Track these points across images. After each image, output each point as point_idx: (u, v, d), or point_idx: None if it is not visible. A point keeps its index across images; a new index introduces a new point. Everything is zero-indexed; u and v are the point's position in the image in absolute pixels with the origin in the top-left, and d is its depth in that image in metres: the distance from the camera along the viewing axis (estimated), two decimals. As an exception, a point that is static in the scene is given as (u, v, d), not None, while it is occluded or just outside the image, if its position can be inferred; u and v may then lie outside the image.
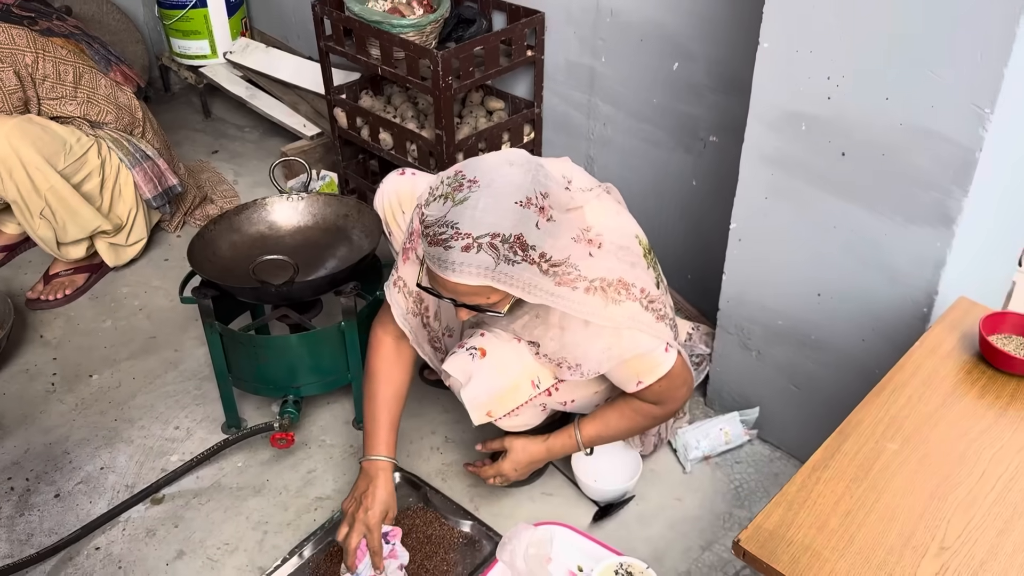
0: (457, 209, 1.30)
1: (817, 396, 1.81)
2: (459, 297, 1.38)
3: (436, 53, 2.12)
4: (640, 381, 1.56)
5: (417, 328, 1.69)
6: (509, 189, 1.31)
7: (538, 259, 1.34)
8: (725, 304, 1.89)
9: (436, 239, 1.31)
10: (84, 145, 2.30)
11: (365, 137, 2.55)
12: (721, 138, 2.07)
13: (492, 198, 1.30)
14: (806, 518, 1.10)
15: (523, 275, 1.34)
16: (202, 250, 1.94)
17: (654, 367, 1.55)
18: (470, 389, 1.59)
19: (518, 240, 1.30)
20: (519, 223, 1.30)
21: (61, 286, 2.44)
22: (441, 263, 1.31)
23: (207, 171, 3.05)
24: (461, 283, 1.32)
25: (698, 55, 2.03)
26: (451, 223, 1.30)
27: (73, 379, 2.19)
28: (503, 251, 1.30)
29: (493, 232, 1.29)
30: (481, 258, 1.29)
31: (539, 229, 1.33)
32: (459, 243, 1.29)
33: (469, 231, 1.29)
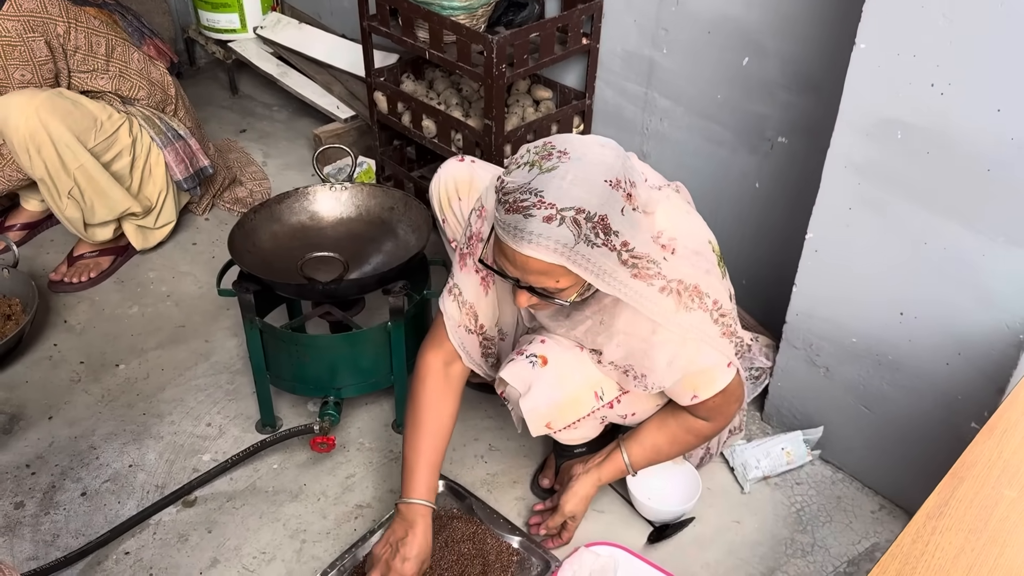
0: (544, 177, 1.20)
1: (889, 419, 1.71)
2: (527, 276, 1.27)
3: (491, 39, 2.01)
4: (696, 395, 1.48)
5: (469, 343, 1.59)
6: (600, 168, 1.22)
7: (619, 247, 1.25)
8: (793, 317, 1.79)
9: (516, 206, 1.20)
10: (115, 122, 2.19)
11: (406, 123, 2.43)
12: (791, 140, 1.96)
13: (583, 172, 1.21)
14: (925, 574, 1.00)
15: (600, 260, 1.24)
16: (242, 240, 1.83)
17: (712, 382, 1.47)
18: (530, 399, 1.50)
19: (602, 221, 1.21)
20: (606, 203, 1.21)
21: (86, 268, 2.34)
22: (517, 233, 1.21)
23: (235, 151, 2.93)
24: (535, 258, 1.22)
25: (771, 51, 1.92)
26: (535, 190, 1.20)
27: (99, 368, 2.09)
28: (585, 229, 1.20)
29: (579, 207, 1.19)
30: (562, 233, 1.19)
31: (623, 216, 1.24)
32: (541, 212, 1.19)
33: (554, 201, 1.19)
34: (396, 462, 1.86)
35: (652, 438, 1.62)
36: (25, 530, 1.70)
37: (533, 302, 1.35)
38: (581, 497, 1.65)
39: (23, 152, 2.04)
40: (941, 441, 1.62)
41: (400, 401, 1.89)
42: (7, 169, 2.16)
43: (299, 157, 2.95)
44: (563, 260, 1.22)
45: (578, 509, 1.65)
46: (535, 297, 1.33)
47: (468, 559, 1.61)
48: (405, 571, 1.47)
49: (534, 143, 1.28)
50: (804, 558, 1.68)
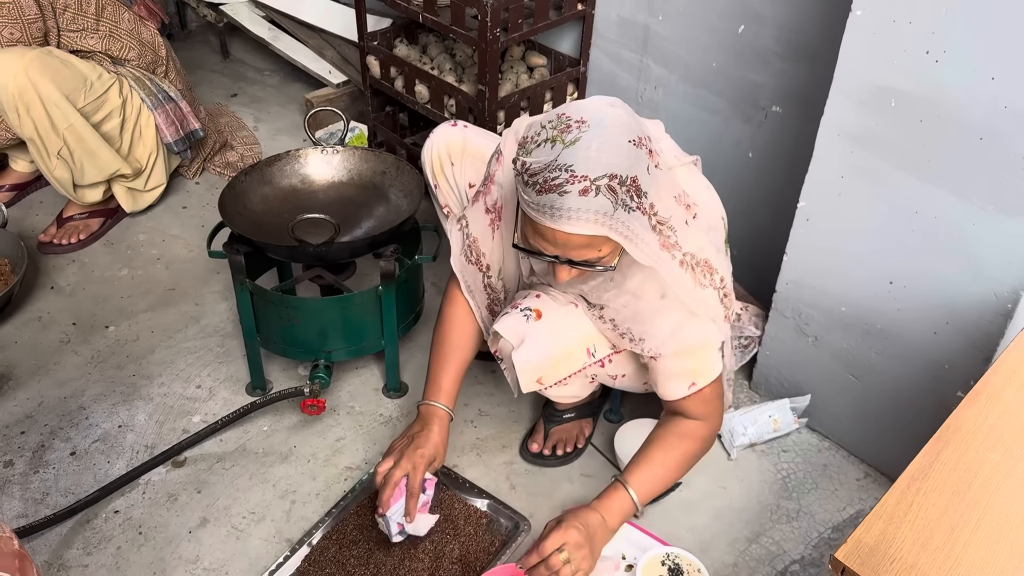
0: (570, 151, 1.18)
1: (876, 388, 1.73)
2: (569, 251, 1.26)
3: (485, 2, 1.99)
4: (694, 383, 1.47)
5: (469, 273, 1.59)
6: (622, 129, 1.21)
7: (649, 210, 1.27)
8: (783, 287, 1.79)
9: (548, 185, 1.19)
10: (105, 83, 2.16)
11: (399, 89, 2.42)
12: (785, 109, 1.96)
13: (606, 137, 1.19)
14: (908, 533, 1.02)
15: (636, 226, 1.25)
16: (232, 202, 1.82)
17: (709, 367, 1.48)
18: (522, 352, 1.50)
19: (634, 183, 1.21)
20: (634, 164, 1.21)
21: (75, 230, 2.32)
22: (555, 212, 1.20)
23: (226, 115, 2.91)
24: (576, 233, 1.21)
25: (767, 18, 1.90)
26: (564, 166, 1.18)
27: (88, 330, 2.08)
28: (621, 194, 1.20)
29: (611, 173, 1.18)
30: (600, 202, 1.18)
31: (649, 175, 1.24)
32: (576, 187, 1.18)
33: (586, 173, 1.17)
34: (386, 425, 1.87)
35: (650, 459, 1.49)
36: (15, 488, 1.71)
37: (573, 275, 1.34)
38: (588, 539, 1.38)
39: (12, 111, 2.02)
40: (927, 410, 1.63)
41: (391, 366, 1.90)
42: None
43: (291, 122, 2.93)
44: (604, 230, 1.21)
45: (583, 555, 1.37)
46: (575, 270, 1.32)
47: (438, 525, 1.62)
48: (416, 458, 1.48)
49: (544, 118, 1.25)
50: (789, 524, 1.69)
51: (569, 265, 1.30)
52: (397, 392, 1.94)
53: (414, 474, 1.47)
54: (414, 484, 1.47)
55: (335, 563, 1.56)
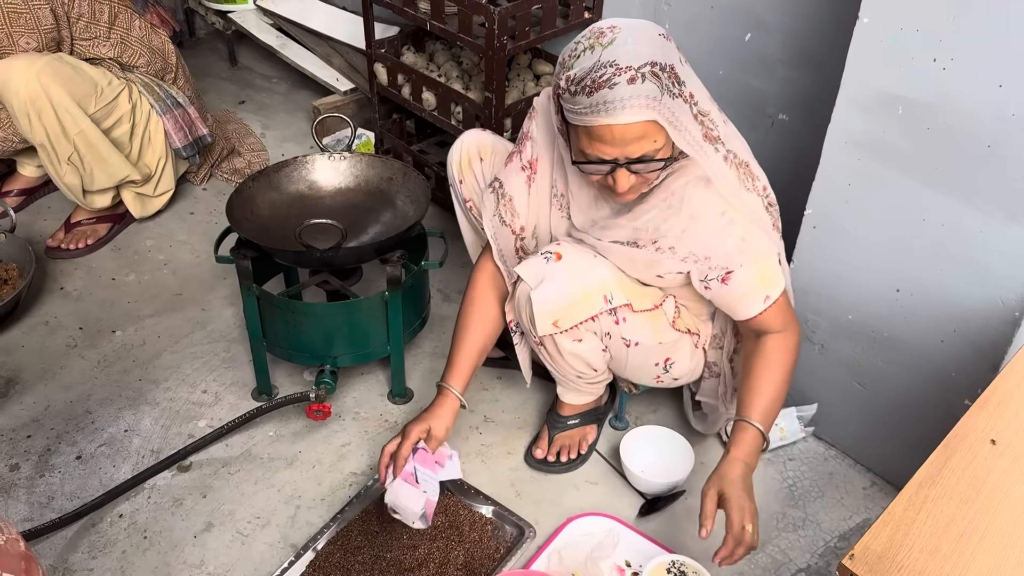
0: (609, 50, 1.27)
1: (883, 396, 1.72)
2: (627, 148, 1.32)
3: (492, 10, 2.00)
4: (768, 295, 1.47)
5: (503, 236, 1.63)
6: (649, 27, 1.33)
7: (689, 98, 1.34)
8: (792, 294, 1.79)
9: (596, 84, 1.26)
10: (115, 88, 2.18)
11: (406, 96, 2.42)
12: (792, 116, 1.96)
13: (639, 33, 1.30)
14: (916, 540, 1.01)
15: (680, 114, 1.32)
16: (240, 207, 1.83)
17: (776, 276, 1.48)
18: (540, 291, 1.51)
19: (673, 71, 1.30)
20: (668, 54, 1.31)
21: (83, 235, 2.33)
22: (607, 106, 1.27)
23: (234, 122, 2.92)
24: (631, 122, 1.28)
25: (773, 26, 1.91)
26: (608, 63, 1.26)
27: (95, 334, 2.09)
28: (664, 80, 1.28)
29: (651, 60, 1.27)
30: (648, 87, 1.26)
31: (683, 66, 1.34)
32: (623, 77, 1.25)
33: (629, 64, 1.26)
34: (391, 431, 1.87)
35: (754, 383, 1.48)
36: (20, 492, 1.71)
37: (632, 182, 1.37)
38: (737, 485, 1.42)
39: (23, 116, 2.03)
40: (934, 419, 1.62)
41: (397, 371, 1.90)
42: (3, 132, 2.15)
43: (298, 129, 2.94)
44: (655, 114, 1.28)
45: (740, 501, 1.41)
46: (634, 177, 1.37)
47: (443, 531, 1.62)
48: (408, 429, 1.54)
49: (577, 37, 1.35)
50: (795, 532, 1.69)
51: (628, 168, 1.35)
52: (403, 398, 1.94)
53: (404, 441, 1.53)
54: (401, 450, 1.52)
55: (340, 569, 1.56)
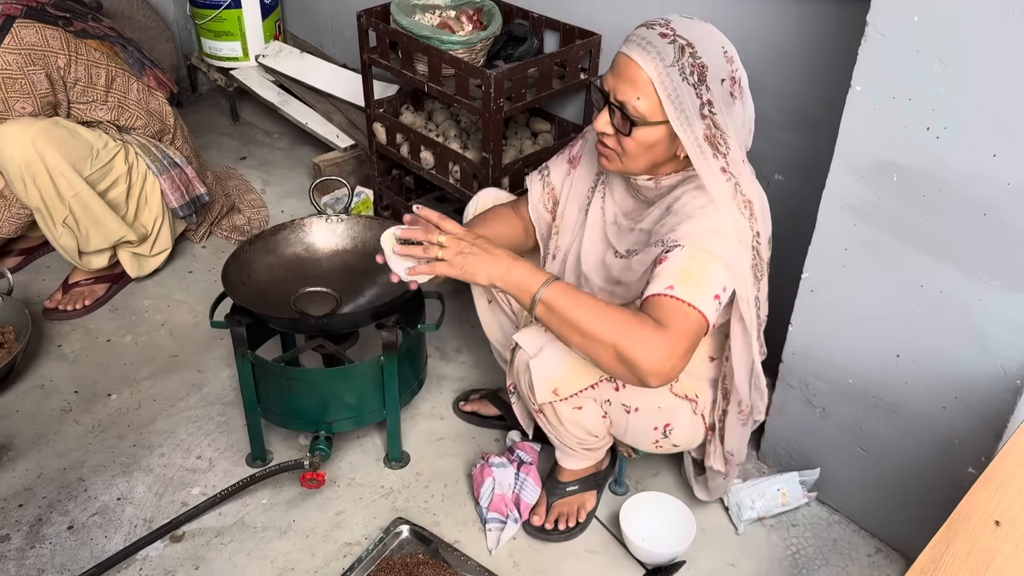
0: (680, 18, 1.38)
1: (886, 461, 1.69)
2: (618, 82, 1.37)
3: (488, 74, 2.01)
4: (672, 287, 1.31)
5: (543, 225, 1.70)
6: (724, 41, 1.38)
7: (705, 103, 1.35)
8: (789, 357, 1.77)
9: (646, 23, 1.37)
10: (111, 151, 2.19)
11: (404, 154, 2.44)
12: (787, 177, 1.96)
13: (711, 30, 1.38)
14: (919, 631, 0.98)
15: (684, 97, 1.34)
16: (236, 272, 1.83)
17: (700, 286, 1.31)
18: (539, 360, 1.49)
19: (702, 68, 1.34)
20: (714, 61, 1.35)
21: (80, 296, 2.33)
22: (632, 39, 1.36)
23: (234, 178, 2.94)
24: (634, 62, 1.34)
25: (766, 88, 1.91)
26: (667, 21, 1.37)
27: (90, 398, 2.08)
28: (685, 60, 1.33)
29: (691, 42, 1.33)
30: (666, 49, 1.32)
31: (720, 87, 1.36)
32: (659, 30, 1.35)
33: (675, 28, 1.35)
34: (387, 498, 1.84)
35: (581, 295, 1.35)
36: (10, 564, 1.68)
37: (607, 130, 1.40)
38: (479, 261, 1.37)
39: (18, 181, 2.04)
40: (938, 485, 1.60)
41: (393, 435, 1.88)
42: (13, 208, 2.17)
43: (299, 185, 2.96)
44: (654, 73, 1.33)
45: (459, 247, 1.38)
46: (611, 127, 1.40)
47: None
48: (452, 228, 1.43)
49: None
50: (799, 603, 1.65)
51: (608, 108, 1.39)
52: (399, 462, 1.91)
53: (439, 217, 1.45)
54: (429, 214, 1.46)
55: (332, 645, 1.52)
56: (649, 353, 1.28)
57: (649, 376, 1.29)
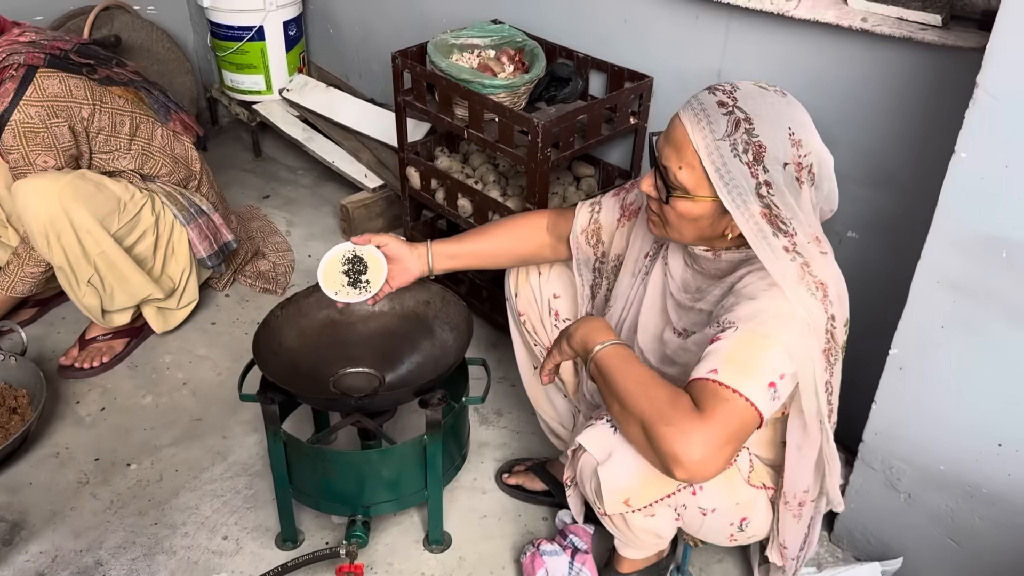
0: (751, 88, 1.23)
1: (980, 556, 1.54)
2: (666, 146, 1.26)
3: (536, 121, 1.87)
4: (716, 370, 1.16)
5: (584, 254, 1.60)
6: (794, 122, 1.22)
7: (762, 182, 1.20)
8: (872, 436, 1.62)
9: (712, 87, 1.25)
10: (138, 202, 2.06)
11: (440, 201, 2.30)
12: (862, 236, 1.82)
13: (781, 107, 1.22)
14: None
15: (736, 174, 1.20)
16: (267, 341, 1.69)
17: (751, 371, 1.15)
18: (609, 467, 1.32)
19: (758, 146, 1.19)
20: (775, 144, 1.19)
21: (98, 352, 2.20)
22: (689, 101, 1.25)
23: (258, 219, 2.81)
24: (682, 126, 1.23)
25: (841, 141, 1.76)
26: (734, 89, 1.23)
27: (109, 468, 1.94)
28: (739, 138, 1.19)
29: (751, 116, 1.19)
30: (719, 120, 1.20)
31: (783, 170, 1.20)
32: (720, 96, 1.22)
33: (737, 98, 1.21)
34: (429, 586, 1.69)
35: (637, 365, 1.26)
36: (21, 663, 1.55)
37: (651, 192, 1.30)
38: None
39: (41, 238, 1.92)
40: (1043, 586, 1.44)
41: (434, 516, 1.73)
42: (28, 267, 2.05)
43: (324, 226, 2.82)
44: (701, 144, 1.20)
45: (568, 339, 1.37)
46: (653, 190, 1.29)
47: None
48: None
49: None
50: None
51: (654, 173, 1.28)
52: (440, 545, 1.77)
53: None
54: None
55: None
56: (679, 438, 1.13)
57: (675, 464, 1.13)
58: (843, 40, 1.70)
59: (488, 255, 1.64)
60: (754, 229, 1.22)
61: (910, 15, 1.57)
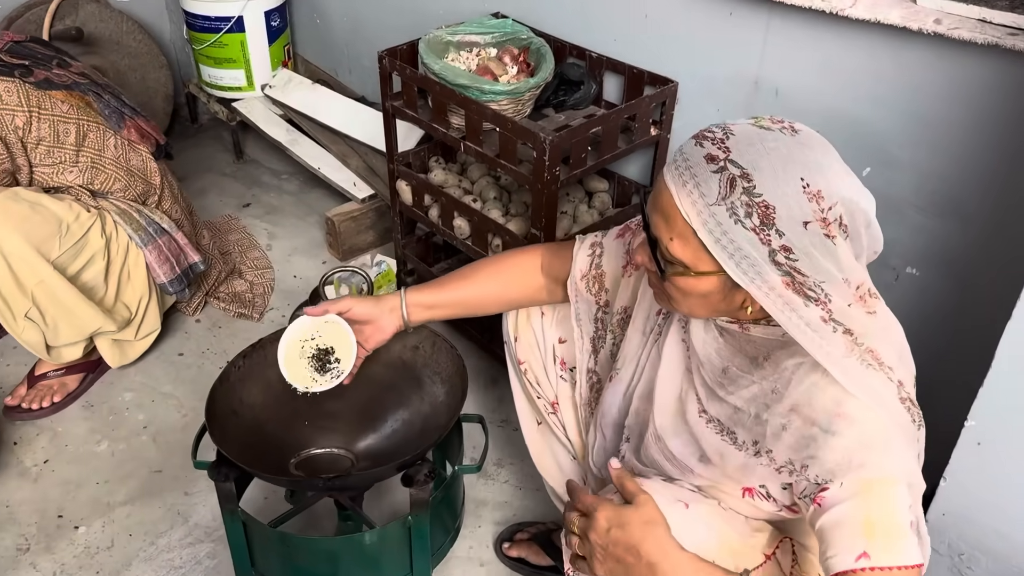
0: (747, 128, 0.96)
1: (1072, 666, 1.29)
2: (652, 216, 1.02)
3: (543, 137, 1.61)
4: (866, 554, 0.92)
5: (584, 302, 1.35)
6: (808, 167, 0.93)
7: (777, 248, 0.93)
8: (939, 517, 1.36)
9: (699, 133, 0.98)
10: (84, 224, 1.81)
11: (434, 219, 2.04)
12: (924, 272, 1.56)
13: (788, 152, 0.93)
14: None
15: (742, 245, 0.94)
16: (225, 399, 1.44)
17: (898, 531, 0.93)
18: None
19: (764, 207, 0.92)
20: (786, 201, 0.92)
21: (48, 391, 1.95)
22: (674, 155, 1.00)
23: (236, 231, 2.56)
24: (668, 188, 0.97)
25: (903, 163, 1.51)
26: (727, 130, 0.96)
27: (54, 531, 1.70)
28: (736, 200, 0.93)
29: (748, 172, 0.92)
30: (709, 180, 0.94)
31: (804, 230, 0.92)
32: (709, 149, 0.95)
33: (731, 148, 0.94)
34: None
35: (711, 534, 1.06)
36: None
37: (647, 264, 1.06)
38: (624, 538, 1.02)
39: (-36, 270, 1.67)
40: None
41: (422, 597, 1.49)
42: None
43: (309, 239, 2.57)
44: (692, 212, 0.95)
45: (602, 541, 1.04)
46: (650, 263, 1.05)
47: None
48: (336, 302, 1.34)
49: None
50: None
51: (648, 247, 1.04)
52: (430, 631, 1.52)
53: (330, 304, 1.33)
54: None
55: None
56: None
57: None
58: (909, 45, 1.43)
59: (474, 303, 1.41)
60: (778, 304, 0.96)
61: (996, 16, 1.30)
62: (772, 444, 1.05)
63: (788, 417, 1.02)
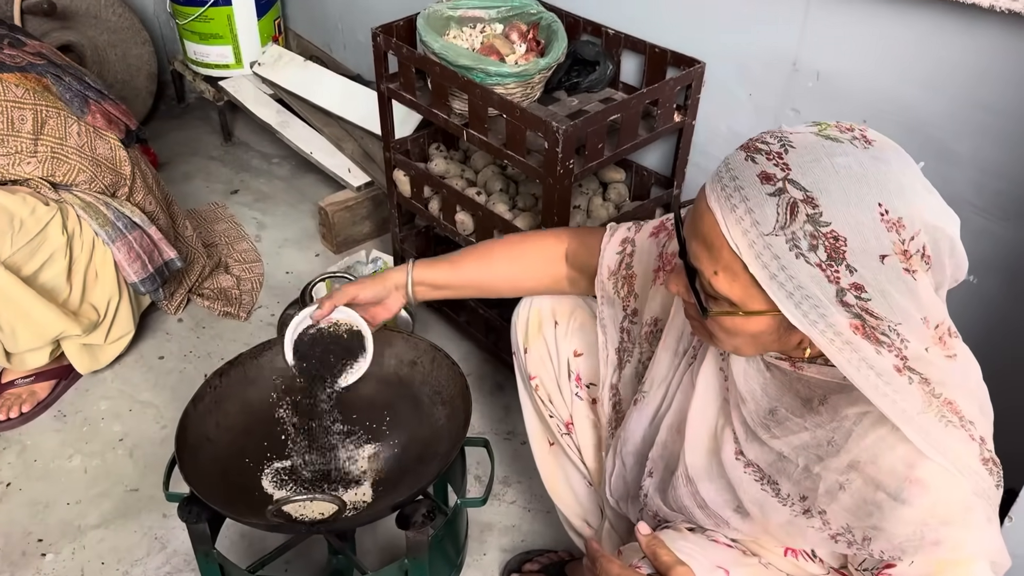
0: (811, 139, 0.79)
1: None
2: (690, 242, 0.86)
3: (555, 126, 1.43)
4: None
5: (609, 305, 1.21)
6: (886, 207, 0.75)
7: (846, 287, 0.77)
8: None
9: (750, 144, 0.82)
10: (41, 219, 1.63)
11: (434, 212, 1.87)
12: (985, 281, 1.39)
13: (859, 178, 0.76)
14: None
15: (802, 278, 0.78)
16: (198, 424, 1.28)
17: None
18: None
19: (833, 238, 0.76)
20: (860, 231, 0.76)
21: (16, 400, 1.80)
22: (718, 169, 0.83)
23: (223, 220, 2.39)
24: (712, 211, 0.81)
25: (962, 156, 1.34)
26: (786, 141, 0.79)
27: (18, 559, 1.55)
28: (799, 230, 0.77)
29: (813, 195, 0.76)
30: (764, 205, 0.77)
31: (881, 265, 0.76)
32: (763, 166, 0.79)
33: (791, 165, 0.77)
34: None
35: None
36: None
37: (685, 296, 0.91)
38: None
39: (-94, 273, 1.50)
40: None
41: (421, 641, 1.34)
42: None
43: (301, 229, 2.40)
44: (742, 240, 0.79)
45: None
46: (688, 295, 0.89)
47: None
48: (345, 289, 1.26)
49: None
50: None
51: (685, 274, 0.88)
52: (430, 677, 1.38)
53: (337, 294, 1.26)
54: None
55: None
56: None
57: None
58: (978, 23, 1.25)
59: (487, 285, 1.30)
60: (845, 352, 0.80)
61: (1086, -9, 1.12)
62: (826, 504, 0.90)
63: (847, 475, 0.87)
